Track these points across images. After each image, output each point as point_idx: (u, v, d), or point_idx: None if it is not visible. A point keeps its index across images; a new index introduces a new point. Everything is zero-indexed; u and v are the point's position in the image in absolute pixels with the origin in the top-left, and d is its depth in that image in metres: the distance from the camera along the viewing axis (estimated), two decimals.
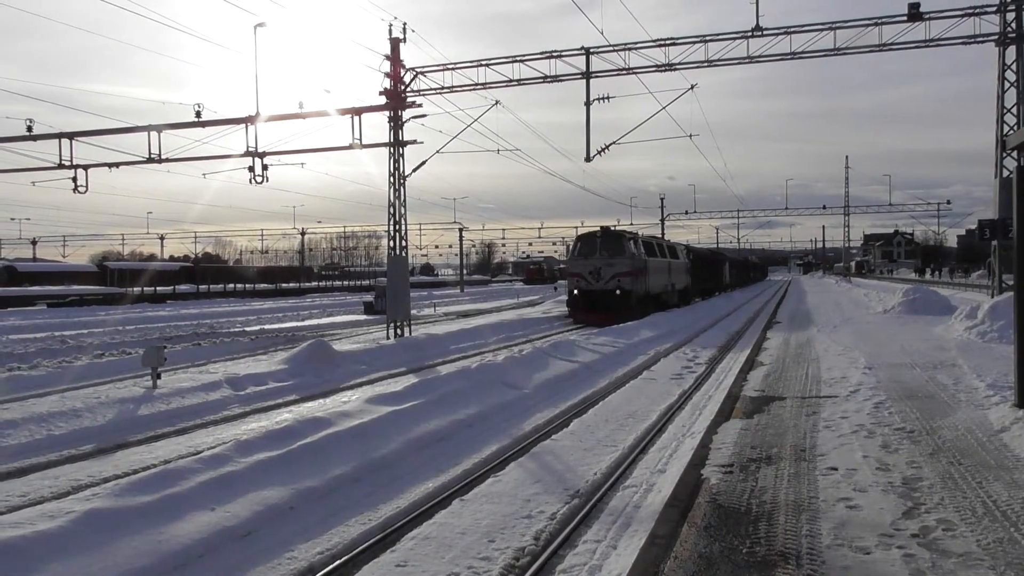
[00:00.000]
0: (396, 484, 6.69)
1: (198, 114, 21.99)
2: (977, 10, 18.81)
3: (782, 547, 4.64)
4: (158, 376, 11.72)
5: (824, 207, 74.00)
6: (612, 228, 28.06)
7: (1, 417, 9.05)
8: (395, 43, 20.02)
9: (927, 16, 18.62)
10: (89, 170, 24.00)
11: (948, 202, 69.77)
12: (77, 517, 4.94)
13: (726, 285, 56.46)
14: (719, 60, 19.95)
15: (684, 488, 6.05)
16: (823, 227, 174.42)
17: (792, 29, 19.39)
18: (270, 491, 6.08)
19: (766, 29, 19.45)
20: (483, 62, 20.70)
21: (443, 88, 21.00)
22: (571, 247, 29.03)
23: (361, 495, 6.38)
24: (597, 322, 23.92)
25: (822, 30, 19.14)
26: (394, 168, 20.22)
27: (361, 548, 5.21)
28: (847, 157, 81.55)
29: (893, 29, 18.82)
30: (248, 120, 21.83)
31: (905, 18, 18.64)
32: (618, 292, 25.36)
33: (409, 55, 27.18)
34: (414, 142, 20.39)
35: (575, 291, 26.37)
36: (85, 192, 24.12)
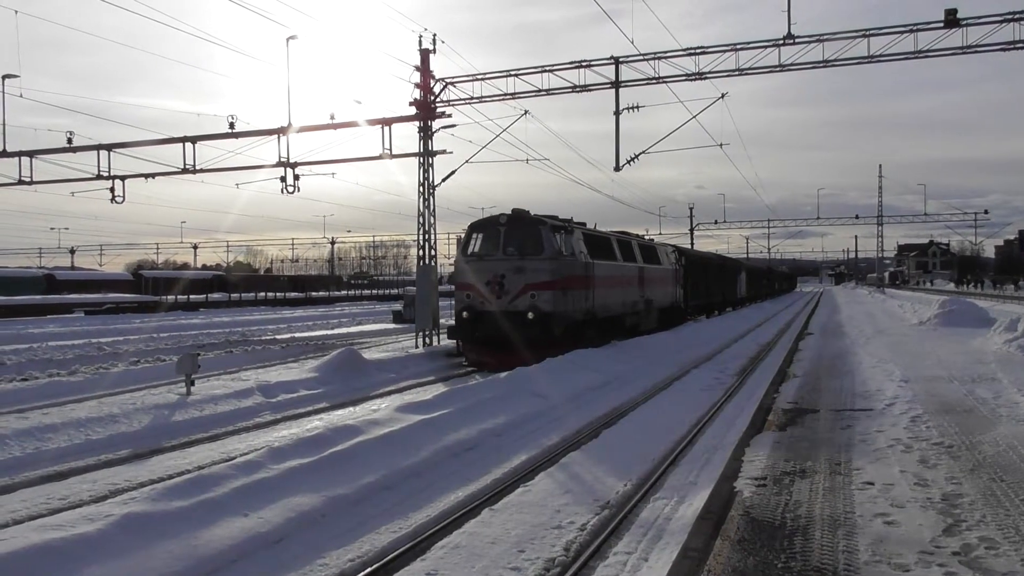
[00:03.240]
0: (426, 492, 6.70)
1: (231, 125, 22.39)
2: (1017, 15, 18.41)
3: (818, 562, 4.56)
4: (192, 383, 11.90)
5: (857, 217, 72.84)
6: (528, 212, 16.99)
7: (42, 422, 9.25)
8: (425, 54, 20.21)
9: (964, 22, 18.29)
10: (126, 180, 24.57)
11: (985, 212, 68.14)
12: (115, 520, 5.02)
13: (740, 299, 46.90)
14: (750, 68, 19.77)
15: (716, 501, 5.98)
16: (855, 237, 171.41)
17: (825, 37, 19.16)
18: (302, 498, 6.13)
19: (798, 37, 19.24)
20: (512, 72, 20.78)
21: (472, 98, 21.12)
22: (460, 242, 17.57)
23: (391, 503, 6.40)
24: (497, 365, 14.87)
25: (855, 37, 18.89)
26: (423, 178, 20.37)
27: (392, 556, 5.23)
28: (880, 166, 79.93)
29: (929, 35, 18.51)
30: (280, 131, 22.17)
31: (942, 24, 18.33)
32: (530, 316, 15.27)
33: (438, 66, 27.38)
34: (443, 152, 20.54)
35: (463, 313, 16.04)
36: (122, 202, 24.69)
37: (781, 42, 19.30)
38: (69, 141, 23.85)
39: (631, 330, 20.57)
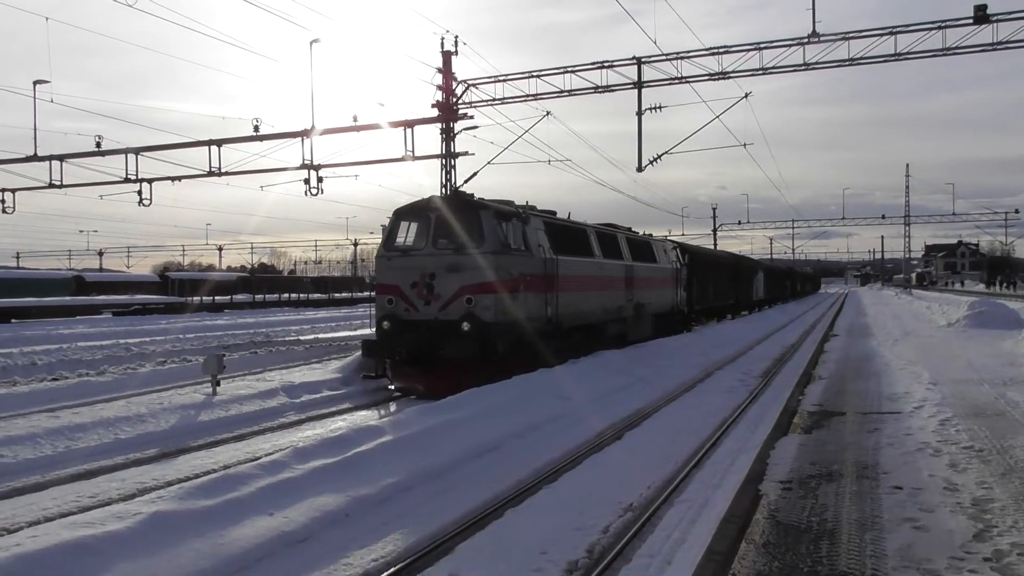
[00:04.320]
0: (449, 493, 6.71)
1: (256, 128, 22.66)
2: None
3: (845, 567, 4.50)
4: (217, 383, 12.05)
5: (883, 217, 71.86)
6: (471, 196, 13.68)
7: (72, 421, 9.42)
8: (447, 56, 20.29)
9: (994, 18, 17.97)
10: (153, 183, 24.95)
11: (1016, 211, 66.78)
12: (144, 519, 5.10)
13: (757, 302, 43.42)
14: (774, 68, 19.61)
15: (741, 504, 5.93)
16: (882, 237, 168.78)
17: (850, 35, 18.94)
18: (326, 498, 6.17)
19: (823, 35, 19.05)
20: (534, 73, 20.80)
21: (494, 100, 21.16)
22: (385, 231, 13.59)
23: (414, 504, 6.43)
24: (425, 391, 11.96)
25: (882, 35, 18.65)
26: (445, 179, 20.43)
27: (415, 556, 5.24)
28: (907, 165, 78.85)
29: (957, 32, 18.21)
30: (304, 134, 22.38)
31: (971, 21, 18.02)
32: (465, 327, 11.77)
33: (460, 67, 27.45)
34: (466, 154, 20.60)
35: (384, 323, 12.48)
36: (149, 205, 25.08)
37: (806, 40, 19.11)
38: (98, 145, 24.29)
39: (617, 340, 17.25)
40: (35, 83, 23.77)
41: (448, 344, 11.77)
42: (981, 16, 17.89)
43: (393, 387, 12.98)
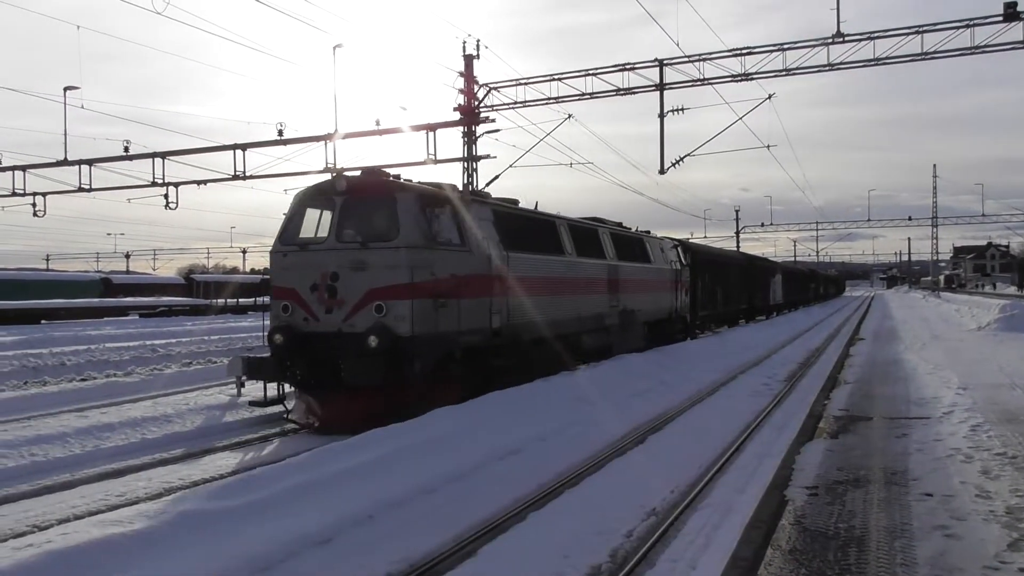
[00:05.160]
0: (471, 496, 6.69)
1: (280, 132, 22.91)
2: None
3: (875, 575, 4.43)
4: (242, 384, 12.16)
5: (910, 218, 70.75)
6: (386, 174, 10.99)
7: (100, 421, 9.57)
8: (468, 60, 20.36)
9: None
10: (179, 187, 25.32)
11: None
12: (171, 518, 5.15)
13: (775, 306, 40.91)
14: (798, 68, 19.43)
15: (766, 509, 5.86)
16: (908, 239, 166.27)
17: (876, 34, 18.71)
18: (349, 499, 6.19)
19: (848, 35, 18.84)
20: (555, 76, 20.79)
21: (516, 103, 21.19)
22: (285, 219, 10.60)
23: (436, 506, 6.42)
24: (323, 424, 9.71)
25: (908, 34, 18.40)
26: (467, 182, 20.48)
27: (437, 559, 5.24)
28: (935, 166, 78.02)
29: (987, 30, 17.91)
30: (327, 137, 22.58)
31: (1000, 18, 17.72)
32: (373, 342, 9.15)
33: (482, 71, 27.58)
34: (487, 157, 20.66)
35: (276, 336, 9.88)
36: (175, 208, 25.48)
37: (830, 41, 18.92)
38: (126, 150, 24.72)
39: (597, 353, 14.84)
40: (65, 89, 24.25)
41: (349, 364, 9.00)
42: (1011, 13, 17.58)
43: (292, 417, 10.08)
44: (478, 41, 20.41)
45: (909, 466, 7.01)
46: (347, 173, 10.43)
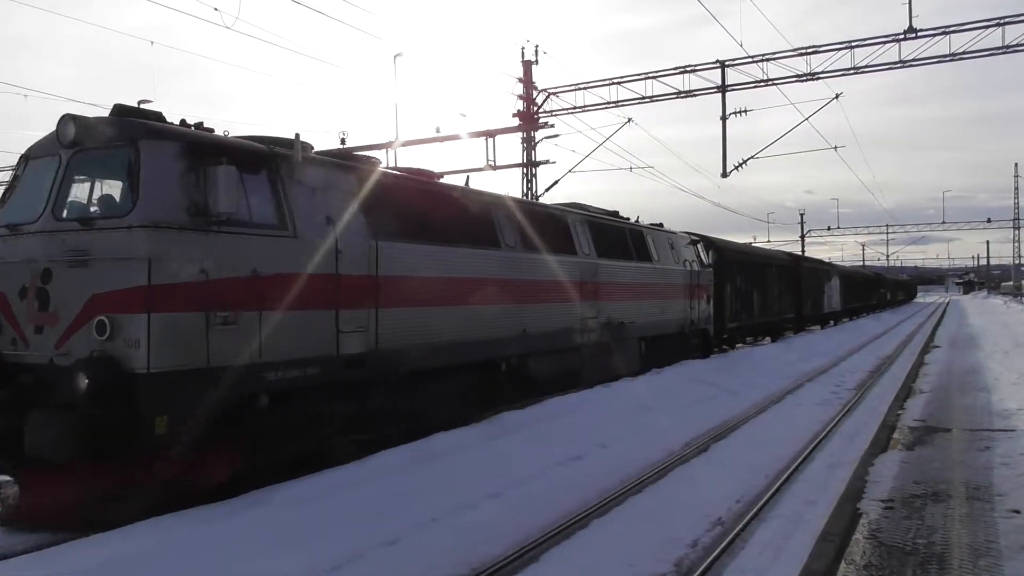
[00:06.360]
0: (534, 502, 6.66)
1: (343, 141, 23.38)
2: None
3: None
4: None
5: (988, 220, 67.63)
6: (132, 107, 6.80)
7: None
8: (527, 66, 20.45)
9: None
10: None
11: None
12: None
13: (831, 313, 36.30)
14: (867, 67, 18.83)
15: (838, 522, 5.65)
16: (987, 243, 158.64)
17: (951, 28, 17.98)
18: (415, 503, 6.23)
19: (920, 30, 18.16)
20: (615, 80, 20.68)
21: (575, 108, 21.16)
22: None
23: (500, 511, 6.40)
24: (32, 508, 5.99)
25: (987, 27, 17.61)
26: (526, 188, 20.52)
27: (500, 563, 5.23)
28: (1016, 164, 73.89)
29: None
30: (387, 145, 22.93)
31: None
32: (83, 383, 5.52)
33: (541, 76, 27.61)
34: (546, 162, 20.64)
35: None
36: None
37: (902, 36, 18.28)
38: None
39: (561, 380, 11.30)
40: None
41: (32, 424, 5.70)
42: None
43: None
44: (537, 47, 20.52)
45: (993, 481, 6.66)
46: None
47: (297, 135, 7.24)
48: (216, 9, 12.69)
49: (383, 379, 7.88)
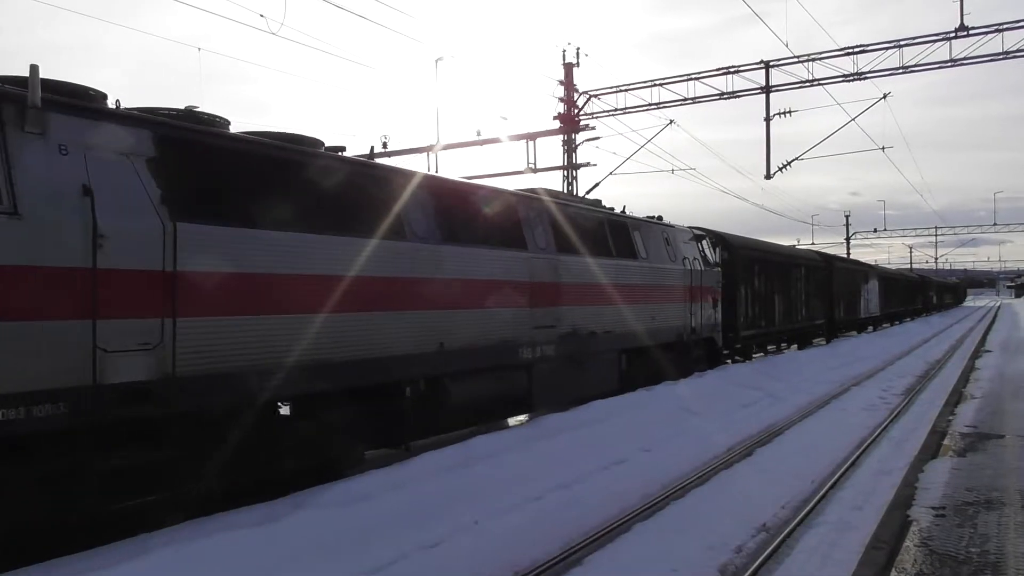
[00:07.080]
0: (576, 505, 6.70)
1: (384, 145, 23.72)
2: None
3: None
4: None
5: None
6: None
7: None
8: (568, 68, 20.47)
9: None
10: None
11: None
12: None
13: (869, 318, 33.56)
14: (916, 66, 18.41)
15: (887, 529, 5.57)
16: None
17: (1004, 26, 17.48)
18: (457, 506, 6.30)
19: (972, 28, 17.69)
20: (656, 82, 20.58)
21: (616, 110, 21.12)
22: None
23: (542, 514, 6.45)
24: None
25: None
26: (568, 191, 20.54)
27: (543, 567, 5.27)
28: None
29: None
30: (428, 149, 23.20)
31: None
32: None
33: (582, 79, 27.52)
34: (587, 165, 20.64)
35: None
36: None
37: (952, 35, 17.84)
38: None
39: (509, 405, 9.73)
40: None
41: None
42: None
43: None
44: (578, 49, 20.51)
45: None
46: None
47: (34, 67, 4.90)
48: (262, 15, 13.00)
49: (194, 419, 5.68)
